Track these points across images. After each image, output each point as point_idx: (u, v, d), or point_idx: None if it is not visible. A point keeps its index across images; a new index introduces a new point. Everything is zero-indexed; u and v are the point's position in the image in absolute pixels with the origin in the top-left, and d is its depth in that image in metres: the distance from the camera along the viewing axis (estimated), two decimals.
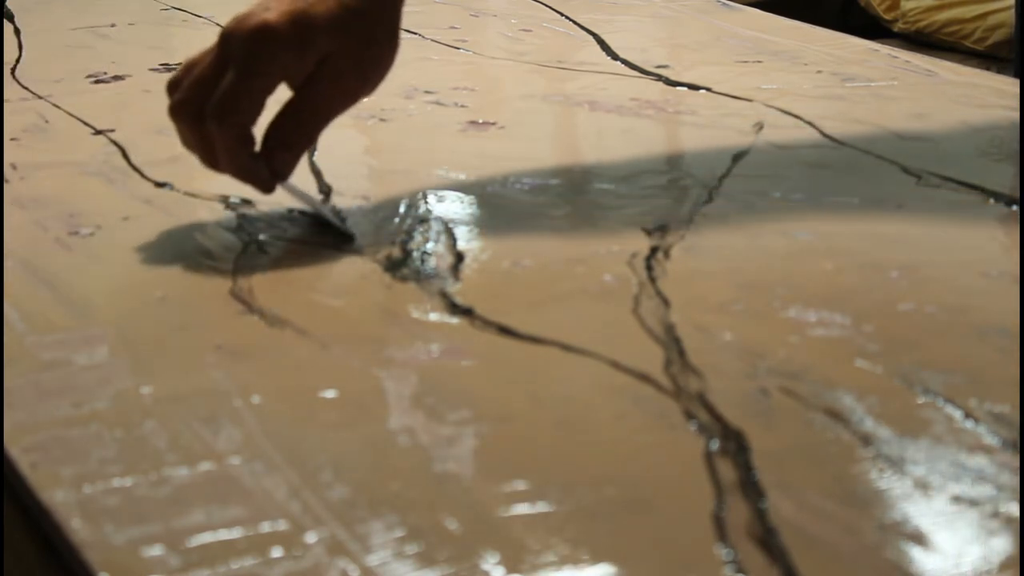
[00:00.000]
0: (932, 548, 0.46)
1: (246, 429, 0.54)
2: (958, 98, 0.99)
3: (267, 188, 0.74)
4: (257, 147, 0.73)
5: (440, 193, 0.80)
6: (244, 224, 0.76)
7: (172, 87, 0.74)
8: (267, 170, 0.74)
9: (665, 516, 0.48)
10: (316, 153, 0.88)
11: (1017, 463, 0.50)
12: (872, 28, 2.63)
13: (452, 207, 0.78)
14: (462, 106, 0.98)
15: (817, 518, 0.47)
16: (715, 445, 0.52)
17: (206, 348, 0.61)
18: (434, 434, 0.53)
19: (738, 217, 0.76)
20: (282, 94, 0.74)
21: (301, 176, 0.83)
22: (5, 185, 0.83)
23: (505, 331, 0.62)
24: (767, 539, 0.46)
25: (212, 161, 0.74)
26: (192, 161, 0.90)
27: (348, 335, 0.62)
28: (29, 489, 0.51)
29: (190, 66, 0.74)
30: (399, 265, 0.70)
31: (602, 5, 1.34)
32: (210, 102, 0.71)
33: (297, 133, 0.74)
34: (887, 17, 2.69)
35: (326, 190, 0.81)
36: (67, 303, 0.66)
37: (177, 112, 0.73)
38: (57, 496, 0.49)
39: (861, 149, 0.87)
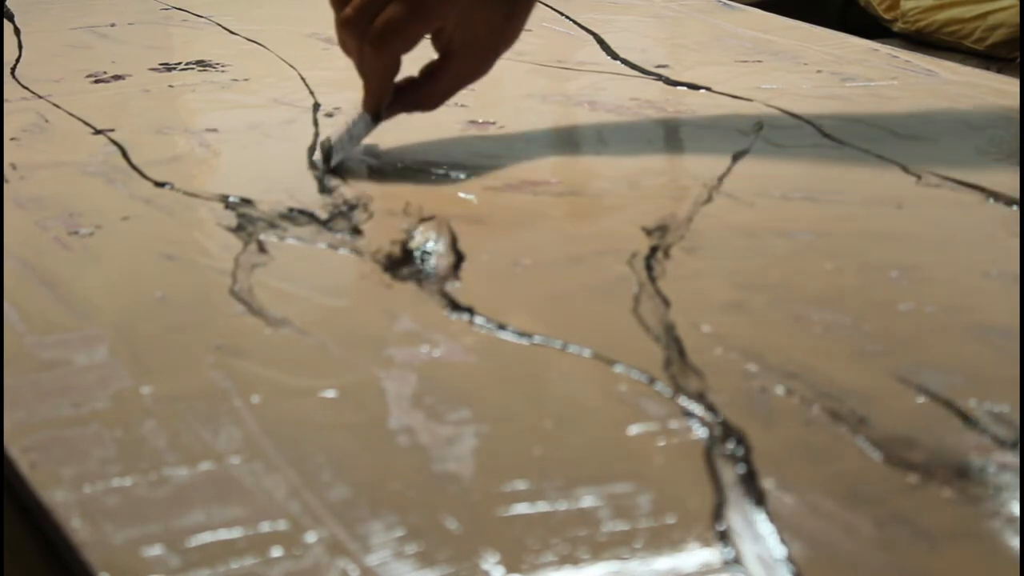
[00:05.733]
0: (932, 548, 0.46)
1: (246, 429, 0.54)
2: (958, 98, 0.99)
3: (373, 108, 0.84)
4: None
5: (440, 193, 0.80)
6: (244, 224, 0.76)
7: None
8: (395, 101, 0.85)
9: (665, 516, 0.48)
10: (316, 152, 0.88)
11: (1017, 463, 0.50)
12: (872, 28, 2.63)
13: (452, 207, 0.78)
14: (462, 106, 0.98)
15: (817, 518, 0.47)
16: (715, 445, 0.52)
17: (206, 348, 0.61)
18: (434, 434, 0.53)
19: (738, 217, 0.76)
20: None
21: (301, 175, 0.83)
22: (5, 185, 0.83)
23: (505, 331, 0.62)
24: (767, 539, 0.46)
25: (359, 71, 0.83)
26: (192, 161, 0.90)
27: (348, 335, 0.62)
28: (29, 489, 0.51)
29: None
30: (399, 265, 0.70)
31: (602, 5, 1.34)
32: (372, 27, 0.80)
33: (430, 100, 0.86)
34: (887, 17, 2.69)
35: (328, 189, 0.81)
36: (67, 303, 0.66)
37: (344, 28, 0.82)
38: (57, 496, 0.49)
39: (861, 149, 0.87)
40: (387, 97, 0.84)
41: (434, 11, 0.81)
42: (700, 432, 0.53)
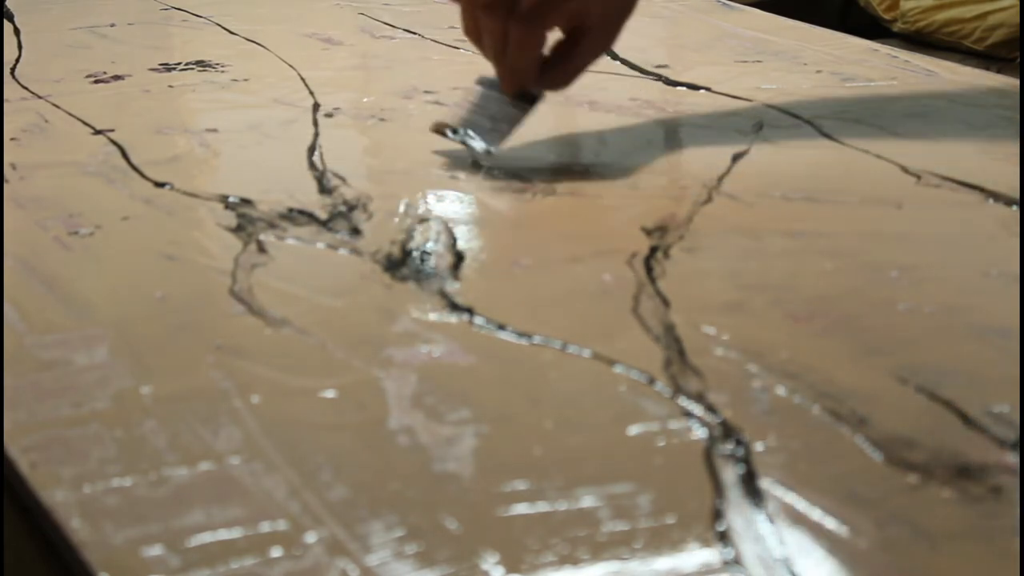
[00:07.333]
0: (932, 548, 0.46)
1: (246, 429, 0.54)
2: (958, 98, 0.99)
3: (518, 87, 0.84)
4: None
5: (440, 193, 0.80)
6: (244, 224, 0.76)
7: None
8: (538, 76, 0.84)
9: (665, 516, 0.48)
10: (316, 152, 0.88)
11: (1017, 463, 0.50)
12: (872, 28, 2.63)
13: (452, 207, 0.78)
14: None
15: (817, 518, 0.47)
16: (715, 445, 0.52)
17: (206, 348, 0.61)
18: (434, 434, 0.53)
19: (738, 217, 0.76)
20: None
21: (301, 175, 0.83)
22: (5, 185, 0.83)
23: (505, 331, 0.62)
24: (767, 539, 0.46)
25: (497, 54, 0.83)
26: (192, 161, 0.90)
27: (348, 335, 0.62)
28: (29, 489, 0.51)
29: None
30: (399, 265, 0.70)
31: None
32: (523, 3, 0.80)
33: (565, 79, 0.86)
34: (887, 17, 2.69)
35: (328, 189, 0.81)
36: (67, 303, 0.66)
37: (486, 9, 0.81)
38: (57, 496, 0.49)
39: (861, 149, 0.87)
40: (534, 76, 0.84)
41: None
42: (700, 432, 0.53)
